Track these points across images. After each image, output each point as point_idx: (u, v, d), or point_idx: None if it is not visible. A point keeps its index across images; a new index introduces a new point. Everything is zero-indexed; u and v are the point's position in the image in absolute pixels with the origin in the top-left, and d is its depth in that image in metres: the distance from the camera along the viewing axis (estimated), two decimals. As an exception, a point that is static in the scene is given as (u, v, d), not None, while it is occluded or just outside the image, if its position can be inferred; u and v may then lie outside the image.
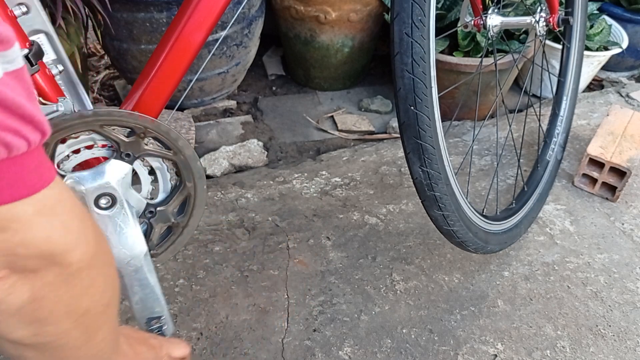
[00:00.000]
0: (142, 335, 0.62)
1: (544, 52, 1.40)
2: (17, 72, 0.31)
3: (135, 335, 0.61)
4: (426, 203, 0.92)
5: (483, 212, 1.06)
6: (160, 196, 0.74)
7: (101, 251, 0.41)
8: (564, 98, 1.40)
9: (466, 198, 0.98)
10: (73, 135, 0.65)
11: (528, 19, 1.12)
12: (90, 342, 0.44)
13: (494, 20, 1.05)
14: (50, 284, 0.37)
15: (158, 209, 0.72)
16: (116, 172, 0.67)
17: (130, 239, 0.66)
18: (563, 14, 1.18)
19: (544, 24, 1.13)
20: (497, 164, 1.42)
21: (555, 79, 1.42)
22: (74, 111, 0.64)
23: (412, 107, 0.83)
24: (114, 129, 0.66)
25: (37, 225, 0.34)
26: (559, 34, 1.34)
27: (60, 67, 0.68)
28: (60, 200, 0.36)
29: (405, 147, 0.87)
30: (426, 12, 0.81)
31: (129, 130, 0.67)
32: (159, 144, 0.70)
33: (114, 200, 0.66)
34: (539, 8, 1.12)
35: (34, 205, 0.33)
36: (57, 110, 0.62)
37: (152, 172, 0.73)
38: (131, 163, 0.68)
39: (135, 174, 0.71)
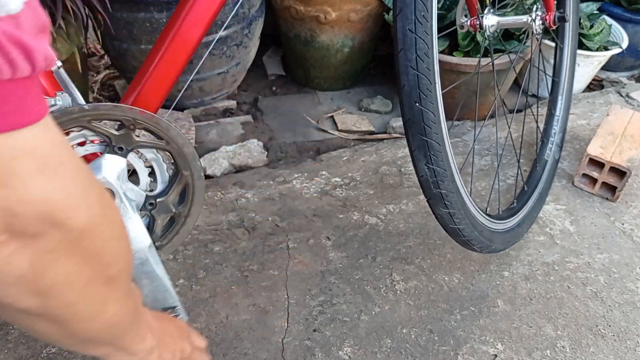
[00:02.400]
0: (169, 316, 0.65)
1: (540, 51, 1.40)
2: (30, 3, 0.31)
3: (163, 315, 0.63)
4: (432, 201, 0.91)
5: (486, 211, 1.06)
6: (159, 187, 0.73)
7: (108, 220, 0.39)
8: (559, 98, 1.40)
9: (470, 196, 0.97)
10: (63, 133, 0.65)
11: (524, 18, 1.12)
12: (100, 315, 0.43)
13: (490, 20, 1.05)
14: (51, 251, 0.36)
15: (158, 200, 0.72)
16: (111, 166, 0.67)
17: (132, 232, 0.66)
18: (558, 12, 1.18)
19: (540, 22, 1.12)
20: (499, 163, 1.42)
21: (550, 79, 1.43)
22: (71, 105, 0.64)
23: (417, 104, 0.82)
24: (103, 123, 0.66)
25: (37, 183, 0.33)
26: (553, 33, 1.35)
27: (59, 63, 0.69)
28: (63, 161, 0.35)
29: (411, 145, 0.86)
30: (429, 7, 0.81)
31: (118, 123, 0.67)
32: (150, 135, 0.70)
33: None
34: (535, 7, 1.12)
35: (35, 159, 0.32)
36: (55, 105, 0.62)
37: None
38: (125, 156, 0.68)
39: (134, 168, 0.71)
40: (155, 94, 0.71)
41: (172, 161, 0.72)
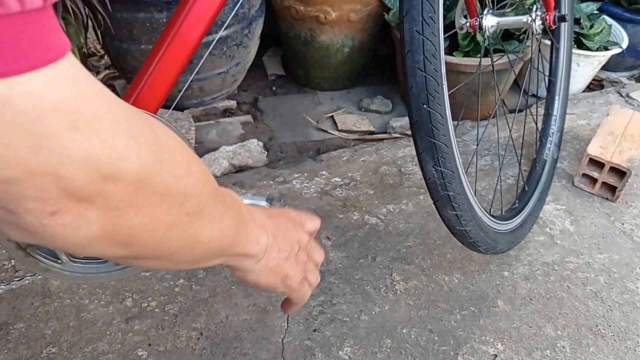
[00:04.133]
0: (280, 210, 0.62)
1: (540, 51, 1.40)
2: None
3: (274, 210, 0.61)
4: (439, 203, 0.91)
5: (490, 211, 1.06)
6: None
7: (166, 163, 0.36)
8: (556, 97, 1.40)
9: (475, 197, 0.97)
10: None
11: (524, 18, 1.11)
12: (197, 244, 0.43)
13: (490, 21, 1.04)
14: (114, 208, 0.34)
15: None
16: None
17: None
18: (558, 12, 1.17)
19: (540, 22, 1.12)
20: (501, 164, 1.42)
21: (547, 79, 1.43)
22: None
23: (424, 106, 0.82)
24: None
25: (72, 142, 0.30)
26: (550, 33, 1.34)
27: None
28: (98, 114, 0.31)
29: (418, 147, 0.86)
30: (436, 8, 0.80)
31: None
32: None
33: None
34: (535, 7, 1.12)
35: (65, 115, 0.29)
36: None
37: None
38: None
39: None
40: (155, 94, 0.70)
41: None
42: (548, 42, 1.63)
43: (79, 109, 0.30)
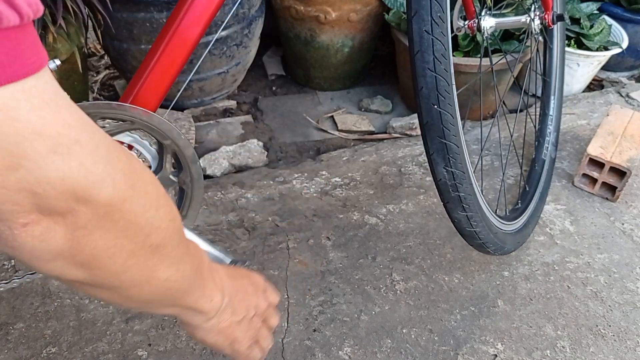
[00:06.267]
0: (245, 272, 0.62)
1: (538, 51, 1.39)
2: None
3: (238, 271, 0.61)
4: (449, 205, 0.89)
5: (496, 212, 1.06)
6: (153, 165, 0.73)
7: (138, 192, 0.38)
8: (552, 97, 1.40)
9: (484, 198, 0.96)
10: None
11: (523, 18, 1.11)
12: (152, 281, 0.43)
13: (489, 22, 1.04)
14: (83, 227, 0.35)
15: (157, 176, 0.72)
16: None
17: None
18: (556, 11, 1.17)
19: (539, 22, 1.12)
20: (505, 164, 1.42)
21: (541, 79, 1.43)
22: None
23: (435, 106, 0.81)
24: None
25: (51, 164, 0.31)
26: (544, 33, 1.34)
27: (58, 62, 0.68)
28: (78, 139, 0.33)
29: (429, 148, 0.84)
30: (444, 8, 0.79)
31: None
32: (112, 121, 0.69)
33: None
34: (533, 6, 1.12)
35: (46, 139, 0.31)
36: None
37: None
38: None
39: None
40: (154, 93, 0.71)
41: (151, 135, 0.71)
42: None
43: (59, 133, 0.32)
